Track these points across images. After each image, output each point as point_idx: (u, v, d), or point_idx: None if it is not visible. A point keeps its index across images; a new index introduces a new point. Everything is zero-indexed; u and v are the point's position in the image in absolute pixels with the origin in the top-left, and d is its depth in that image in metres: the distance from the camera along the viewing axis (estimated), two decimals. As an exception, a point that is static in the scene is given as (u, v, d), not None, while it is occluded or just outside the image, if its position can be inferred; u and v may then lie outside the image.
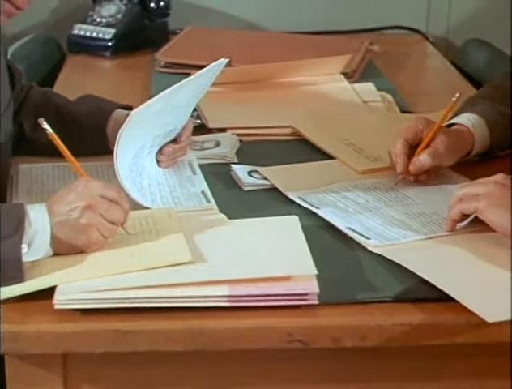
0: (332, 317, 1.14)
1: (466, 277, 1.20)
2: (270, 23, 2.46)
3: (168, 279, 1.15)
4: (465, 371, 1.20)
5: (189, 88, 1.47)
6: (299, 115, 1.74)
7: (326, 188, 1.45)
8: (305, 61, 1.93)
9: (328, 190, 1.44)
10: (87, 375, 1.18)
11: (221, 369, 1.18)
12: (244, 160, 1.58)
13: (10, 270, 1.18)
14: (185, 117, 1.53)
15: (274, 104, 1.83)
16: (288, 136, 1.70)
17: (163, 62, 2.10)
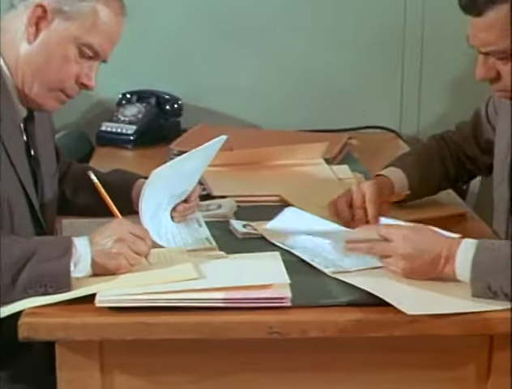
0: (301, 315, 1.54)
1: (394, 287, 1.61)
2: (268, 124, 2.90)
3: (180, 287, 1.55)
4: (402, 361, 1.59)
5: (197, 158, 1.91)
6: (286, 187, 2.16)
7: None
8: (289, 146, 2.37)
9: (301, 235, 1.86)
10: (118, 362, 1.57)
11: (219, 355, 1.57)
12: (240, 219, 2.00)
13: (61, 282, 1.58)
14: (194, 181, 1.96)
15: (266, 179, 2.27)
16: (276, 202, 2.12)
17: (176, 151, 2.52)
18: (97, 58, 1.80)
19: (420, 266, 1.63)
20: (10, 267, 1.59)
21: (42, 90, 1.79)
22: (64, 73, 1.78)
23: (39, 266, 1.59)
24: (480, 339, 1.59)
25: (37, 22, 1.76)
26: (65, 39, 1.76)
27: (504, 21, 1.72)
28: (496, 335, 1.58)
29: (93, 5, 1.77)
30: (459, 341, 1.59)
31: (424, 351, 1.60)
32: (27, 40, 1.77)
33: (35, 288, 1.59)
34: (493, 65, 1.78)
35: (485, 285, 1.58)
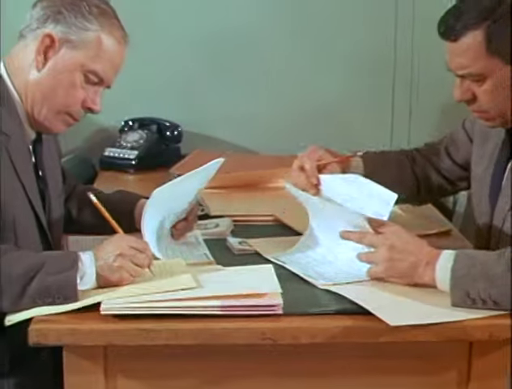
0: (292, 322, 1.65)
1: (379, 298, 1.72)
2: (264, 149, 3.06)
3: (179, 295, 1.67)
4: (387, 367, 1.70)
5: (195, 179, 2.03)
6: (279, 207, 2.28)
7: (292, 250, 1.99)
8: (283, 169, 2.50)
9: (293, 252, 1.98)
10: (121, 367, 1.68)
11: (215, 360, 1.68)
12: (236, 237, 2.11)
13: (68, 294, 1.70)
14: (193, 201, 2.08)
15: (260, 200, 2.42)
16: (270, 222, 2.25)
17: (176, 175, 2.62)
18: (102, 84, 1.93)
19: (402, 264, 1.75)
20: (20, 278, 1.70)
21: (50, 113, 1.91)
22: (71, 98, 1.91)
23: (47, 278, 1.70)
24: (459, 345, 1.70)
25: (46, 51, 1.88)
26: (71, 66, 1.89)
27: (476, 46, 1.85)
28: (475, 342, 1.69)
29: (97, 34, 1.89)
30: (440, 348, 1.70)
31: (408, 357, 1.71)
32: (36, 67, 1.89)
33: (43, 298, 1.70)
34: (469, 87, 1.91)
35: (464, 293, 1.69)
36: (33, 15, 1.91)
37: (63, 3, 1.89)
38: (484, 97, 1.89)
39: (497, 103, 1.89)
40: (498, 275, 1.70)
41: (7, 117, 1.89)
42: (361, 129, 3.10)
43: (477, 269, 1.71)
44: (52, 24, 1.88)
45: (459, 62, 1.89)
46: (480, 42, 1.85)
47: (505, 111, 1.91)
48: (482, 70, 1.87)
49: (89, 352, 1.66)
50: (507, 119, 1.93)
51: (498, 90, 1.88)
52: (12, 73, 1.91)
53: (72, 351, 1.66)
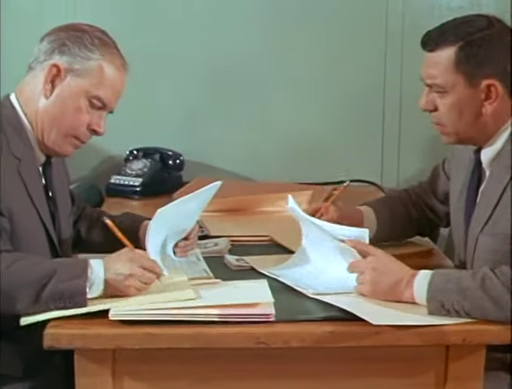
0: (283, 328, 1.81)
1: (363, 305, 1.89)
2: (260, 177, 3.21)
3: (181, 304, 1.83)
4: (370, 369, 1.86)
5: (195, 201, 2.19)
6: (275, 228, 2.45)
7: (285, 265, 2.15)
8: (277, 194, 2.67)
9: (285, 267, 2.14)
10: (127, 369, 1.83)
11: (214, 362, 1.83)
12: (233, 254, 2.27)
13: (78, 300, 1.85)
14: (193, 221, 2.24)
15: (256, 222, 2.58)
16: (265, 242, 2.41)
17: (178, 200, 2.82)
18: (105, 109, 2.10)
19: (384, 284, 1.91)
20: (34, 284, 1.85)
21: (59, 137, 2.08)
22: (77, 122, 2.08)
23: (59, 284, 1.85)
24: (437, 349, 1.85)
25: (53, 79, 2.06)
26: (77, 93, 2.06)
27: (447, 60, 2.03)
28: (451, 346, 1.84)
29: (99, 63, 2.07)
30: (419, 351, 1.85)
31: (389, 360, 1.86)
32: (44, 95, 2.06)
33: (55, 303, 1.84)
34: (433, 98, 2.09)
35: (439, 304, 1.86)
36: (41, 49, 2.08)
37: (68, 36, 2.07)
38: (443, 110, 2.07)
39: (454, 119, 2.06)
40: (471, 290, 1.86)
41: (19, 143, 2.05)
42: (354, 159, 3.25)
43: (452, 284, 1.87)
44: (58, 55, 2.05)
45: (430, 72, 2.07)
46: (450, 58, 2.03)
47: (460, 130, 2.08)
48: (446, 83, 2.04)
49: (98, 355, 1.81)
50: (461, 138, 2.10)
51: (456, 107, 2.05)
52: (23, 103, 2.08)
53: (82, 354, 1.81)
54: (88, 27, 2.10)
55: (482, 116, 2.05)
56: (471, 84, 2.03)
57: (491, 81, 2.02)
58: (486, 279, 1.87)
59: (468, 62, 2.02)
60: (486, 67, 2.02)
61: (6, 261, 1.88)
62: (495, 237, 2.06)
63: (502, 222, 2.04)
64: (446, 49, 2.04)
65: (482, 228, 2.09)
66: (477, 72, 2.02)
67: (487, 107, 2.04)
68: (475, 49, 2.02)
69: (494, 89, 2.03)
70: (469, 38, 2.03)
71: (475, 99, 2.04)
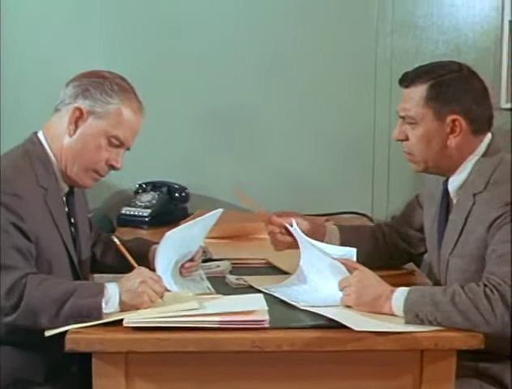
0: (276, 334, 2.05)
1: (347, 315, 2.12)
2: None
3: (186, 313, 2.07)
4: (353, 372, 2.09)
5: (199, 226, 2.44)
6: (271, 253, 2.68)
7: (282, 283, 2.40)
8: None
9: (281, 285, 2.38)
10: (139, 371, 2.06)
11: (214, 364, 2.07)
12: (234, 274, 2.52)
13: (96, 315, 2.09)
14: (197, 244, 2.48)
15: (254, 247, 2.82)
16: (263, 265, 2.65)
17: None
18: (123, 147, 2.34)
19: (367, 297, 2.15)
20: (56, 302, 2.09)
21: (80, 171, 2.32)
22: (97, 158, 2.32)
23: (78, 302, 2.09)
24: (412, 354, 2.09)
25: (76, 121, 2.30)
26: (97, 133, 2.31)
27: (419, 95, 2.30)
28: (425, 350, 2.08)
29: (118, 107, 2.31)
30: (397, 356, 2.09)
31: (370, 364, 2.10)
32: (68, 134, 2.31)
33: (75, 318, 2.08)
34: (405, 129, 2.35)
35: (414, 315, 2.09)
36: (66, 93, 2.33)
37: (90, 82, 2.32)
38: (413, 140, 2.33)
39: (422, 149, 2.32)
40: (442, 303, 2.09)
41: (45, 175, 2.30)
42: (346, 193, 3.48)
43: (426, 298, 2.11)
44: (81, 99, 2.30)
45: (404, 106, 2.34)
46: (422, 93, 2.30)
47: (427, 158, 2.33)
48: (417, 115, 2.31)
49: (113, 358, 2.05)
50: (428, 166, 2.35)
51: (424, 138, 2.31)
52: (50, 140, 2.33)
53: (99, 357, 2.05)
54: (109, 74, 2.34)
55: (447, 148, 2.31)
56: (438, 118, 2.29)
57: (456, 117, 2.29)
58: (456, 294, 2.10)
59: (437, 99, 2.29)
60: (452, 104, 2.29)
61: (32, 282, 2.11)
62: (463, 259, 2.30)
63: (469, 245, 2.28)
64: (419, 86, 2.30)
65: (451, 251, 2.34)
66: (444, 108, 2.29)
67: (451, 140, 2.30)
68: (444, 88, 2.29)
69: (458, 124, 2.29)
70: (440, 78, 2.30)
71: (441, 131, 2.30)
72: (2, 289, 2.09)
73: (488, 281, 2.11)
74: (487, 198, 2.26)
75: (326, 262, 2.30)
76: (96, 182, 2.39)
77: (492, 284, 2.09)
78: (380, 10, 3.44)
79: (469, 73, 2.36)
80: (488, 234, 2.23)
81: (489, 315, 2.06)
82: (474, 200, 2.29)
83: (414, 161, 2.38)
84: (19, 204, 2.17)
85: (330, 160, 3.51)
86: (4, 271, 2.11)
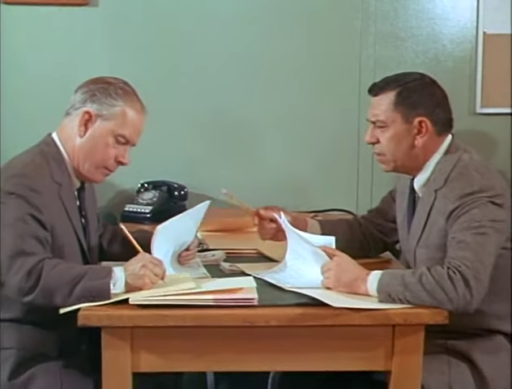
0: (265, 310, 2.31)
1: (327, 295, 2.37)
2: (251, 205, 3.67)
3: (185, 292, 2.34)
4: (331, 344, 2.35)
5: (190, 217, 2.69)
6: (261, 244, 2.95)
7: (269, 270, 2.66)
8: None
9: (270, 271, 2.65)
10: (143, 344, 2.32)
11: (210, 338, 2.33)
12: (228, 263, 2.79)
13: (104, 296, 2.34)
14: (192, 234, 2.72)
15: (246, 239, 3.07)
16: (254, 254, 2.92)
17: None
18: (128, 144, 2.60)
19: (345, 278, 2.40)
20: (68, 283, 2.34)
21: (91, 168, 2.59)
22: (106, 156, 2.58)
23: (88, 283, 2.34)
24: (385, 329, 2.34)
25: (85, 123, 2.56)
26: (105, 133, 2.56)
27: (387, 101, 2.56)
28: (396, 325, 2.33)
29: (122, 108, 2.57)
30: (371, 330, 2.34)
31: (347, 337, 2.35)
32: (79, 135, 2.57)
33: (86, 298, 2.33)
34: (375, 133, 2.61)
35: (387, 294, 2.35)
36: (76, 99, 2.59)
37: (97, 88, 2.58)
38: (384, 142, 2.59)
39: (392, 149, 2.58)
40: (411, 284, 2.34)
41: (59, 172, 2.56)
42: (333, 191, 3.72)
43: (397, 280, 2.36)
44: (89, 104, 2.56)
45: (374, 112, 2.60)
46: (391, 100, 2.56)
47: (396, 158, 2.59)
48: (386, 119, 2.57)
49: (120, 332, 2.30)
50: (397, 165, 2.61)
51: (394, 139, 2.57)
52: (64, 141, 2.58)
53: (108, 332, 2.30)
54: (113, 79, 2.61)
55: (415, 147, 2.58)
56: (406, 121, 2.56)
57: (422, 118, 2.56)
58: (423, 275, 2.35)
59: (404, 103, 2.56)
60: (418, 108, 2.56)
61: (48, 265, 2.36)
62: (428, 249, 2.56)
63: (432, 235, 2.55)
64: (388, 93, 2.57)
65: (417, 243, 2.60)
66: (411, 111, 2.55)
67: (418, 140, 2.57)
68: (410, 94, 2.56)
69: (425, 125, 2.56)
70: (405, 85, 2.57)
71: (409, 133, 2.57)
72: (22, 272, 2.35)
73: (450, 264, 2.37)
74: (446, 193, 2.52)
75: (309, 250, 2.55)
76: (106, 177, 2.64)
77: (454, 267, 2.35)
78: (363, 22, 3.68)
79: (430, 81, 2.63)
80: (447, 224, 2.49)
81: (452, 294, 2.32)
82: (435, 195, 2.55)
83: (384, 162, 2.64)
84: (37, 198, 2.43)
85: (317, 161, 3.74)
86: (24, 257, 2.37)
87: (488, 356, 2.55)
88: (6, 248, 2.39)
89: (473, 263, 2.36)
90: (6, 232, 2.41)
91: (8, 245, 2.39)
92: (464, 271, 2.33)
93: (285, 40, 3.70)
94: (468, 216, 2.44)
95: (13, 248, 2.38)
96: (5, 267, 2.38)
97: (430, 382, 2.48)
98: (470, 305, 2.34)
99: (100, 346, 2.33)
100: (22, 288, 2.35)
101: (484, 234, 2.42)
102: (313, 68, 3.72)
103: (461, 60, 3.72)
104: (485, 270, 2.38)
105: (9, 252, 2.38)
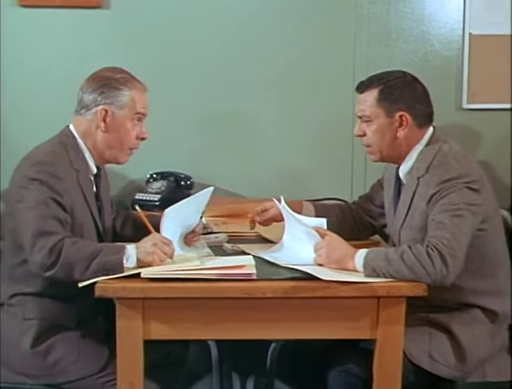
0: (262, 283, 2.57)
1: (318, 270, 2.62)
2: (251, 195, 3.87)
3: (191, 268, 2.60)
4: (322, 315, 2.60)
5: (195, 202, 2.93)
6: (261, 227, 3.21)
7: (267, 250, 2.91)
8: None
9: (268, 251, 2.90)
10: (153, 314, 2.57)
11: (214, 308, 2.58)
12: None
13: (118, 269, 2.60)
14: (197, 218, 2.97)
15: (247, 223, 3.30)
16: (254, 237, 3.17)
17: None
18: (143, 117, 2.87)
19: (335, 255, 2.65)
20: (86, 259, 2.59)
21: (119, 153, 2.86)
22: (129, 138, 2.86)
23: (104, 259, 2.59)
24: (370, 300, 2.59)
25: (104, 119, 2.83)
26: (123, 120, 2.84)
27: (372, 98, 2.81)
28: (380, 297, 2.58)
29: (129, 93, 2.84)
30: (358, 302, 2.59)
31: (336, 309, 2.60)
32: (101, 130, 2.83)
33: (102, 272, 2.58)
34: (362, 127, 2.86)
35: (372, 269, 2.60)
36: (86, 100, 2.84)
37: (100, 85, 2.83)
38: (369, 135, 2.85)
39: (377, 141, 2.84)
40: (394, 260, 2.59)
41: (77, 160, 2.82)
42: (328, 181, 3.91)
43: (381, 256, 2.61)
44: (101, 101, 2.82)
45: (360, 108, 2.86)
46: (374, 96, 2.82)
47: (381, 149, 2.85)
48: (371, 114, 2.82)
49: (133, 303, 2.55)
50: (383, 156, 2.87)
51: (378, 132, 2.83)
52: (82, 134, 2.85)
53: (122, 303, 2.56)
54: (109, 72, 2.87)
55: (397, 139, 2.84)
56: (388, 115, 2.82)
57: (402, 113, 2.81)
58: (404, 252, 2.60)
59: (386, 99, 2.81)
60: (399, 103, 2.81)
61: (68, 243, 2.62)
62: (411, 230, 2.81)
63: (415, 218, 2.80)
64: (372, 91, 2.83)
65: (402, 225, 2.86)
66: (392, 106, 2.81)
67: (400, 132, 2.83)
68: (391, 90, 2.82)
69: (405, 119, 2.82)
70: (388, 83, 2.82)
71: (391, 126, 2.83)
72: (45, 250, 2.60)
73: (429, 243, 2.62)
74: (427, 179, 2.78)
75: (303, 231, 2.80)
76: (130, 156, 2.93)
77: (433, 244, 2.60)
78: (357, 24, 3.88)
79: (412, 78, 2.89)
80: (428, 207, 2.74)
81: (430, 269, 2.57)
82: (418, 182, 2.81)
83: (371, 152, 2.91)
84: (58, 183, 2.70)
85: (314, 153, 3.91)
86: (46, 236, 2.63)
87: (465, 327, 2.80)
88: (29, 228, 2.65)
89: (450, 242, 2.61)
90: (29, 214, 2.66)
91: (31, 225, 2.64)
92: (441, 249, 2.59)
93: (285, 40, 3.89)
94: (447, 200, 2.70)
95: (36, 228, 2.64)
96: (28, 245, 2.64)
97: (412, 350, 2.74)
98: (446, 279, 2.59)
99: (114, 318, 2.58)
100: (44, 263, 2.61)
101: (460, 216, 2.68)
102: (311, 66, 3.90)
103: (448, 59, 3.91)
104: (461, 248, 2.63)
105: (32, 232, 2.64)
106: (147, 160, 3.75)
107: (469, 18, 3.89)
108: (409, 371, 2.72)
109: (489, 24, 3.88)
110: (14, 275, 2.79)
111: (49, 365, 2.72)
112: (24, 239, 2.66)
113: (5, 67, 3.83)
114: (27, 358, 2.72)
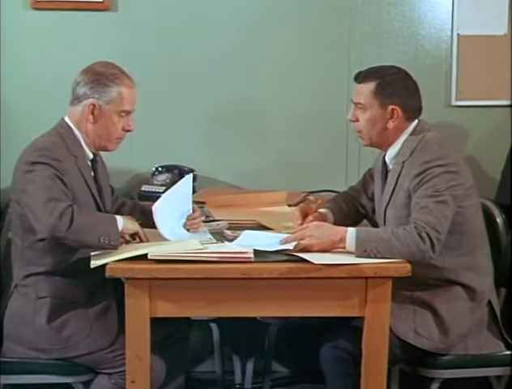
0: (259, 265, 2.77)
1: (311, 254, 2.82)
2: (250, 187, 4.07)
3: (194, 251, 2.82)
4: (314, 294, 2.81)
5: (179, 190, 3.12)
6: (260, 216, 3.43)
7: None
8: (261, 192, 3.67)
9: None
10: (159, 293, 2.78)
11: (215, 288, 2.78)
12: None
13: (114, 234, 2.84)
14: (188, 205, 3.13)
15: (246, 212, 3.53)
16: (254, 225, 3.36)
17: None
18: (129, 113, 3.07)
19: (326, 237, 2.84)
20: (92, 225, 2.82)
21: (107, 142, 3.08)
22: (115, 130, 3.07)
23: (103, 225, 2.84)
24: (359, 281, 2.79)
25: (92, 112, 3.04)
26: (110, 114, 3.05)
27: (369, 89, 3.01)
28: (368, 278, 2.78)
29: (117, 89, 3.04)
30: (347, 282, 2.79)
31: (327, 289, 2.80)
32: (90, 122, 3.04)
33: (103, 237, 2.80)
34: (356, 113, 3.07)
35: (363, 249, 2.80)
36: (78, 92, 3.06)
37: (91, 80, 3.04)
38: (362, 121, 3.05)
39: (368, 128, 3.05)
40: (384, 239, 2.80)
41: (74, 146, 3.04)
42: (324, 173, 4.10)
43: (371, 236, 2.82)
44: (91, 95, 3.03)
45: (357, 96, 3.06)
46: (371, 88, 3.03)
47: (371, 136, 3.06)
48: (366, 103, 3.03)
49: (140, 283, 2.76)
50: (372, 142, 3.09)
51: (370, 121, 3.04)
52: (76, 124, 3.07)
53: (130, 283, 2.76)
54: (101, 67, 3.06)
55: (387, 129, 3.05)
56: (381, 107, 3.03)
57: (394, 107, 3.03)
58: (394, 230, 2.82)
59: (382, 93, 3.02)
60: (392, 98, 3.02)
61: (76, 210, 2.82)
62: (396, 208, 3.03)
63: (399, 196, 3.02)
64: (369, 83, 3.04)
65: (387, 204, 3.08)
66: (386, 100, 3.02)
67: (390, 123, 3.05)
68: (387, 85, 3.03)
69: (396, 112, 3.03)
70: (384, 78, 3.04)
71: (383, 117, 3.04)
72: (56, 214, 2.78)
73: (417, 224, 2.83)
74: (411, 162, 3.00)
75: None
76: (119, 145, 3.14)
77: (421, 226, 2.82)
78: (351, 25, 4.08)
79: (405, 74, 3.10)
80: (411, 185, 2.95)
81: (422, 246, 2.78)
82: (402, 165, 3.03)
83: (362, 137, 3.13)
84: (58, 165, 2.92)
85: (311, 147, 4.12)
86: (55, 201, 2.82)
87: (447, 304, 3.02)
88: (38, 199, 2.83)
89: (435, 226, 2.84)
90: (36, 188, 2.86)
91: (40, 195, 2.84)
92: (429, 231, 2.81)
93: (284, 40, 4.08)
94: (431, 184, 2.91)
95: (44, 196, 2.82)
96: (40, 213, 2.81)
97: (398, 326, 2.96)
98: (431, 258, 2.83)
99: (122, 297, 2.79)
100: (56, 225, 2.77)
101: (443, 202, 2.90)
102: (308, 64, 4.09)
103: (438, 58, 4.10)
104: (443, 231, 2.86)
105: (41, 200, 2.82)
106: (152, 154, 4.03)
107: (457, 19, 4.09)
108: (396, 346, 2.94)
109: (476, 25, 4.08)
110: (26, 257, 3.00)
111: (63, 340, 2.94)
112: (36, 210, 2.82)
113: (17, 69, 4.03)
114: (43, 333, 2.94)
